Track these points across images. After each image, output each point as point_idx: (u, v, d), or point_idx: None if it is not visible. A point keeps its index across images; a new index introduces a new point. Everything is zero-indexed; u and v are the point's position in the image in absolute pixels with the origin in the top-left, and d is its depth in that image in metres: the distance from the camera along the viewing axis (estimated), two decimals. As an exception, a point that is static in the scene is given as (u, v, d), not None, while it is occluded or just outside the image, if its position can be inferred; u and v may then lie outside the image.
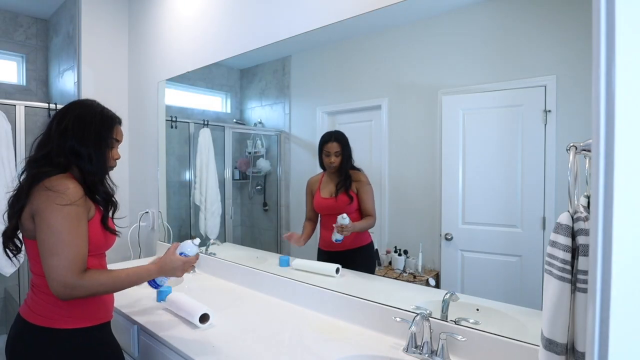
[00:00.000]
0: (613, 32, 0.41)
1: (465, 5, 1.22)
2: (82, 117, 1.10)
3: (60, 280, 0.96)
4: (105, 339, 1.14)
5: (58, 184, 1.00)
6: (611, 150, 0.41)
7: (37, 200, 1.00)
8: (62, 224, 0.98)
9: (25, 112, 2.46)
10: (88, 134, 1.09)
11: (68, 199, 0.99)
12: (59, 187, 1.00)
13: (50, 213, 0.98)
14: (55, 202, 0.98)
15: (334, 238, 1.50)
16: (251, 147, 2.11)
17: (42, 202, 0.99)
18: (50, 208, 0.98)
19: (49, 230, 0.97)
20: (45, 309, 1.05)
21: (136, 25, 2.69)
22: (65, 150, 1.06)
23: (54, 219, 0.98)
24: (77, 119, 1.09)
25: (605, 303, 0.41)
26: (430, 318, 1.11)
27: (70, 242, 0.98)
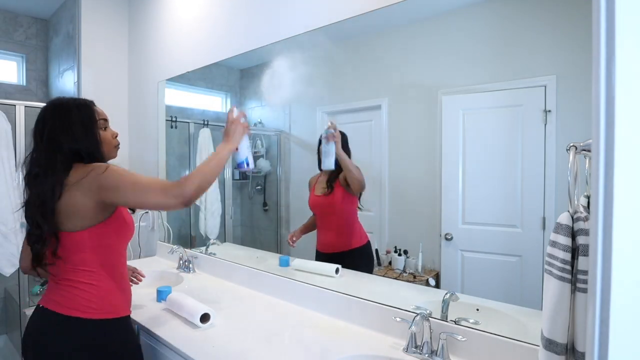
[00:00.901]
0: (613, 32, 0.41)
1: (465, 5, 1.22)
2: (62, 116, 1.11)
3: (169, 197, 1.03)
4: (129, 330, 1.20)
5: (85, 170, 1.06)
6: (611, 150, 0.41)
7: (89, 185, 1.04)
8: (125, 175, 1.05)
9: (25, 112, 2.46)
10: (76, 129, 1.10)
11: (103, 166, 1.06)
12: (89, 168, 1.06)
13: (111, 178, 1.04)
14: (101, 173, 1.04)
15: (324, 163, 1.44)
16: (251, 147, 2.11)
17: (99, 178, 1.04)
18: (104, 177, 1.04)
19: (126, 185, 1.04)
20: (73, 299, 1.08)
21: (136, 25, 2.69)
22: (65, 158, 1.08)
23: (117, 178, 1.04)
24: (60, 119, 1.10)
25: (605, 303, 0.41)
26: (430, 318, 1.11)
27: (144, 178, 1.06)
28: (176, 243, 2.28)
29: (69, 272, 1.09)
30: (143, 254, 2.44)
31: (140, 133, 2.65)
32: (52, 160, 1.07)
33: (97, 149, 1.14)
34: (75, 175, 1.06)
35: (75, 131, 1.10)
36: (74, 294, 1.08)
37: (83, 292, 1.08)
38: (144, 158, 2.62)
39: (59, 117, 1.11)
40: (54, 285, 1.12)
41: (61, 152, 1.08)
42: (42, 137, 1.10)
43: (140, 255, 2.44)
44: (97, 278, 1.11)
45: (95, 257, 1.10)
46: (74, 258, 1.09)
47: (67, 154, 1.08)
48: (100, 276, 1.11)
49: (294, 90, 1.62)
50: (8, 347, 2.74)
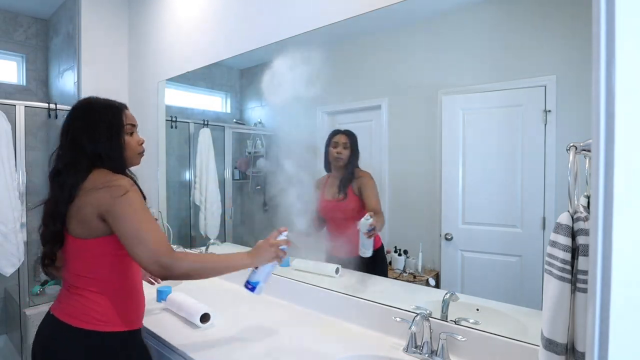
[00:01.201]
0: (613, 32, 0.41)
1: (466, 5, 1.22)
2: (88, 117, 1.09)
3: (155, 262, 0.96)
4: (139, 343, 1.15)
5: (106, 180, 1.02)
6: (611, 150, 0.41)
7: (98, 200, 1.00)
8: (142, 214, 1.00)
9: (25, 112, 2.46)
10: (100, 132, 1.07)
11: (124, 187, 1.00)
12: (109, 182, 1.01)
13: (120, 207, 0.98)
14: (117, 196, 0.99)
15: (362, 251, 1.34)
16: (251, 147, 2.11)
17: (106, 200, 0.99)
18: (118, 203, 0.98)
19: (127, 223, 0.98)
20: (82, 311, 1.04)
21: (136, 25, 2.69)
22: (85, 158, 1.05)
23: (126, 211, 0.99)
24: (85, 120, 1.08)
25: (605, 303, 0.41)
26: (430, 318, 1.11)
27: (149, 226, 1.00)
28: (176, 243, 2.28)
29: (79, 279, 1.05)
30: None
31: (140, 133, 2.64)
32: (73, 160, 1.05)
33: (119, 154, 1.09)
34: (92, 182, 1.02)
35: (98, 133, 1.07)
36: (82, 304, 1.04)
37: (93, 302, 1.04)
38: (144, 158, 2.61)
39: (84, 117, 1.09)
40: (65, 292, 1.09)
41: (83, 153, 1.05)
42: (67, 136, 1.08)
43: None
44: (107, 288, 1.06)
45: (106, 267, 1.06)
46: (84, 266, 1.05)
47: (89, 156, 1.05)
48: (110, 286, 1.07)
49: (294, 90, 1.62)
50: (8, 347, 2.74)
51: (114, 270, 1.07)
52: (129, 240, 0.98)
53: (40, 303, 2.56)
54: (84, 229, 1.02)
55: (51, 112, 2.60)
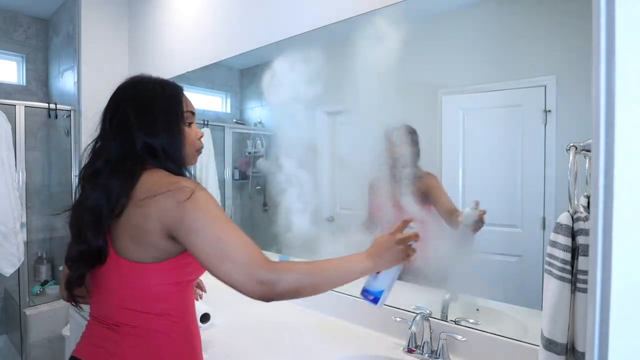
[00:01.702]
0: (613, 32, 0.41)
1: (465, 5, 1.22)
2: (140, 98, 0.83)
3: (252, 281, 0.71)
4: None
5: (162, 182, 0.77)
6: (611, 150, 0.41)
7: (163, 209, 0.74)
8: (213, 220, 0.74)
9: (25, 112, 2.46)
10: (154, 120, 0.82)
11: (189, 188, 0.75)
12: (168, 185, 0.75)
13: (191, 215, 0.73)
14: (183, 200, 0.73)
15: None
16: (251, 147, 2.11)
17: (179, 208, 0.73)
18: (187, 210, 0.73)
19: (205, 234, 0.73)
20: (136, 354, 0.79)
21: (136, 25, 2.69)
22: (134, 152, 0.80)
23: (199, 219, 0.73)
24: (136, 104, 0.83)
25: (605, 303, 0.41)
26: (430, 318, 1.11)
27: (235, 236, 0.74)
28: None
29: (136, 316, 0.78)
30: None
31: (140, 133, 2.65)
32: (120, 157, 0.80)
33: (179, 150, 0.84)
34: (145, 186, 0.76)
35: (155, 121, 0.82)
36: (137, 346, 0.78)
37: (152, 346, 0.79)
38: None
39: (137, 100, 0.83)
40: (102, 331, 0.80)
41: (133, 148, 0.80)
42: (110, 123, 0.82)
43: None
44: (171, 325, 0.81)
45: (171, 298, 0.81)
46: (140, 296, 0.79)
47: (140, 152, 0.80)
48: (175, 323, 0.82)
49: (294, 90, 1.62)
50: (8, 347, 2.74)
51: (179, 301, 0.83)
52: (212, 257, 0.72)
53: (40, 303, 2.56)
54: (142, 251, 0.76)
55: (51, 112, 2.60)
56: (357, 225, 1.46)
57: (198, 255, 0.74)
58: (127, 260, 0.77)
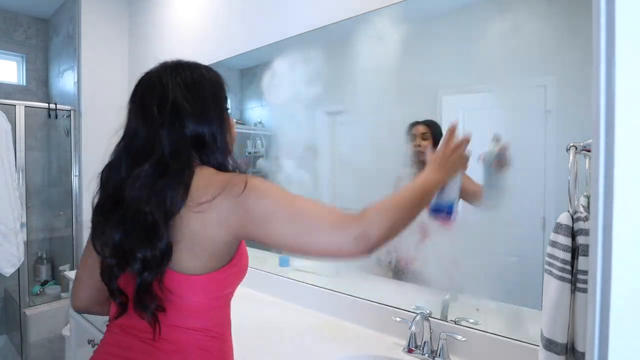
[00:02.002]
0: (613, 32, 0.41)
1: (465, 5, 1.22)
2: (191, 84, 0.75)
3: (348, 240, 0.65)
4: None
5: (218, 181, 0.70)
6: (611, 150, 0.41)
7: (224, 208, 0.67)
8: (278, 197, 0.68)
9: (25, 112, 2.46)
10: (205, 106, 0.75)
11: (241, 176, 0.70)
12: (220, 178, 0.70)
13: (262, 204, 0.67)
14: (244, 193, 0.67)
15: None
16: (251, 147, 2.11)
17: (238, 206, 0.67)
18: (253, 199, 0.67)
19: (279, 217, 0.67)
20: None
21: (136, 25, 2.69)
22: (186, 142, 0.72)
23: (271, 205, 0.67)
24: (186, 90, 0.74)
25: (605, 303, 0.41)
26: (430, 318, 1.11)
27: (308, 206, 0.68)
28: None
29: (173, 331, 0.72)
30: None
31: (140, 133, 2.65)
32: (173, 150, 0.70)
33: (225, 138, 0.78)
34: (200, 188, 0.69)
35: (204, 106, 0.75)
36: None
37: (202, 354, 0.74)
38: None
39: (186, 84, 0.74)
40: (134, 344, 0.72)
41: (184, 138, 0.72)
42: (162, 108, 0.71)
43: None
44: (211, 341, 0.75)
45: (214, 313, 0.77)
46: (186, 311, 0.72)
47: (191, 141, 0.73)
48: (215, 339, 0.76)
49: (294, 90, 1.62)
50: (8, 347, 2.74)
51: (221, 316, 0.79)
52: (297, 237, 0.66)
53: (40, 303, 2.56)
54: (194, 260, 0.69)
55: (51, 112, 2.60)
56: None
57: (281, 241, 0.68)
58: (172, 271, 0.69)
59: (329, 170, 1.61)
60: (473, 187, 1.12)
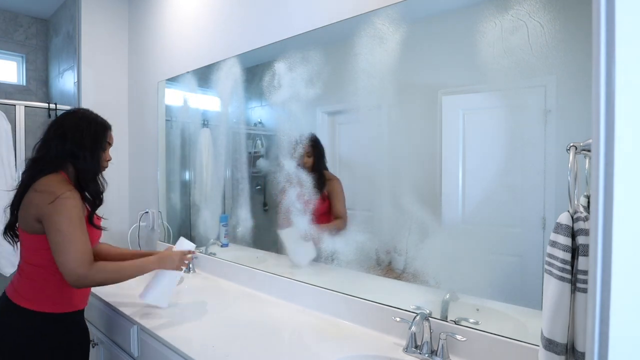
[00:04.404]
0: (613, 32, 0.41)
1: (466, 5, 1.22)
2: (79, 124, 1.26)
3: (73, 273, 1.12)
4: (78, 323, 1.31)
5: (46, 184, 1.17)
6: (611, 150, 0.41)
7: (35, 203, 1.15)
8: (68, 225, 1.13)
9: (25, 112, 2.46)
10: (85, 138, 1.25)
11: (55, 194, 1.14)
12: (47, 187, 1.16)
13: (51, 214, 1.12)
14: (48, 201, 1.13)
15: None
16: (251, 147, 2.11)
17: (41, 205, 1.14)
18: (51, 210, 1.12)
19: (55, 232, 1.13)
20: (31, 293, 1.19)
21: (136, 25, 2.69)
22: (64, 152, 1.22)
23: (56, 220, 1.12)
24: (76, 126, 1.25)
25: (605, 303, 0.41)
26: (430, 318, 1.11)
27: (77, 240, 1.14)
28: (176, 243, 2.28)
29: (26, 265, 1.22)
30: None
31: (140, 133, 2.65)
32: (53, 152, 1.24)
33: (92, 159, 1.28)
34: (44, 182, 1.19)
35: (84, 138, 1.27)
36: (26, 287, 1.20)
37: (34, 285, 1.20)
38: (144, 158, 2.62)
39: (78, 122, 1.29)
40: (17, 276, 1.24)
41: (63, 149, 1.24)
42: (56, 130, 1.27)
43: (140, 255, 2.44)
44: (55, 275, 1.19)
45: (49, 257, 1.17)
46: (31, 254, 1.21)
47: (67, 153, 1.24)
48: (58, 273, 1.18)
49: (294, 90, 1.62)
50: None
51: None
52: (55, 245, 1.13)
53: (40, 303, 2.56)
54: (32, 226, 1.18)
55: (51, 112, 2.60)
56: (358, 225, 1.46)
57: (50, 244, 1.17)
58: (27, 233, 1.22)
59: (329, 170, 1.61)
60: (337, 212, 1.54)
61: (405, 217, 1.32)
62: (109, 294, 1.67)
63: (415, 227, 1.35)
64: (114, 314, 1.55)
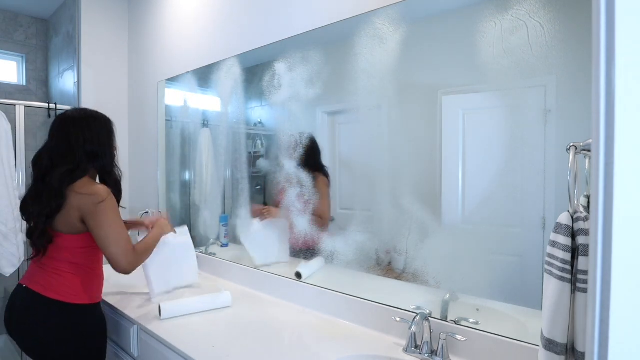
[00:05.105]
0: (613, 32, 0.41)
1: (466, 5, 1.22)
2: (91, 123, 1.38)
3: (124, 261, 1.30)
4: (98, 313, 1.43)
5: (89, 188, 1.30)
6: (611, 150, 0.41)
7: (80, 204, 1.28)
8: (110, 220, 1.29)
9: (25, 112, 2.46)
10: (102, 137, 1.39)
11: (102, 196, 1.28)
12: (92, 190, 1.30)
13: (99, 215, 1.27)
14: (96, 203, 1.27)
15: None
16: (251, 147, 2.11)
17: (87, 206, 1.28)
18: (97, 210, 1.27)
19: (104, 229, 1.28)
20: (59, 286, 1.32)
21: (136, 25, 2.69)
22: (86, 154, 1.34)
23: (102, 219, 1.28)
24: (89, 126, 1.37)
25: (605, 303, 0.41)
26: (430, 318, 1.11)
27: (120, 232, 1.31)
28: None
29: (57, 261, 1.33)
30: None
31: (140, 133, 2.65)
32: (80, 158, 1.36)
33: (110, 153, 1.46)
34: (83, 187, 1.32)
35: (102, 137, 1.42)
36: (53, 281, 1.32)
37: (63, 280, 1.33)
38: (144, 158, 2.62)
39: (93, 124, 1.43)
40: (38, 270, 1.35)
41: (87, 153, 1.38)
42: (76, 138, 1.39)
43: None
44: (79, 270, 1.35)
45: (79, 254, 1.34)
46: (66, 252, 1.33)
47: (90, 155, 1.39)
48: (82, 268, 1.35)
49: (294, 90, 1.62)
50: (8, 347, 2.74)
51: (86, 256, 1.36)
52: (106, 243, 1.29)
53: (40, 303, 2.56)
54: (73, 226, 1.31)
55: (51, 112, 2.60)
56: (358, 225, 1.46)
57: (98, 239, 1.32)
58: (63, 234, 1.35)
59: (329, 170, 1.61)
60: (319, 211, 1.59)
61: (405, 217, 1.32)
62: (109, 293, 1.67)
63: (415, 227, 1.35)
64: (114, 313, 1.55)
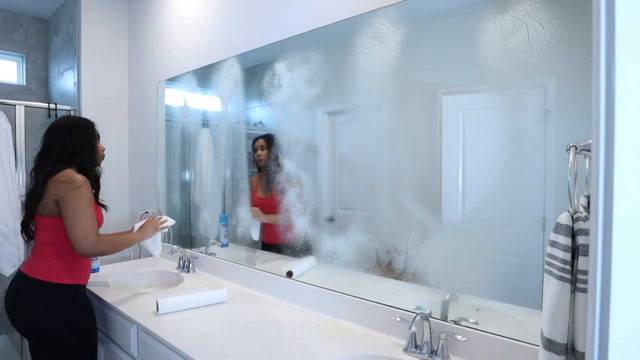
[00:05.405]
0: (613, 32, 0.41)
1: (466, 5, 1.22)
2: (71, 128, 1.53)
3: (83, 242, 1.39)
4: (81, 295, 1.53)
5: (67, 176, 1.43)
6: (611, 150, 0.41)
7: (56, 190, 1.41)
8: (79, 204, 1.40)
9: (25, 112, 2.46)
10: (79, 138, 1.52)
11: (78, 183, 1.41)
12: (69, 178, 1.42)
13: (70, 198, 1.40)
14: (70, 189, 1.40)
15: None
16: (251, 147, 2.10)
17: (62, 191, 1.40)
18: (70, 194, 1.39)
19: (71, 210, 1.39)
20: (42, 268, 1.44)
21: (136, 25, 2.69)
22: (66, 154, 1.49)
23: (73, 201, 1.40)
24: (69, 130, 1.52)
25: (605, 303, 0.41)
26: (430, 318, 1.11)
27: (86, 216, 1.41)
28: (176, 243, 2.28)
29: (43, 245, 1.46)
30: (143, 253, 2.43)
31: (140, 133, 2.65)
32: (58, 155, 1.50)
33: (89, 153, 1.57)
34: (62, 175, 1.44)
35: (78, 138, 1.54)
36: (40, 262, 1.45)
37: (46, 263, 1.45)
38: (144, 158, 2.62)
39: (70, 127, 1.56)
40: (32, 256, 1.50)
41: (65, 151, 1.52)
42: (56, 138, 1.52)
43: (140, 255, 2.44)
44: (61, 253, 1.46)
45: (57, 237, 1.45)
46: (48, 235, 1.46)
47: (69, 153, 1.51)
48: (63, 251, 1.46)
49: (294, 90, 1.62)
50: (8, 347, 2.74)
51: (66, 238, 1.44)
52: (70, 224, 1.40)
53: (40, 303, 2.56)
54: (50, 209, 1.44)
55: (51, 112, 2.60)
56: (358, 225, 1.46)
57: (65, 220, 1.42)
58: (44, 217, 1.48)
59: (329, 170, 1.61)
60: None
61: (405, 217, 1.32)
62: (109, 293, 1.67)
63: (415, 227, 1.35)
64: (114, 313, 1.55)
